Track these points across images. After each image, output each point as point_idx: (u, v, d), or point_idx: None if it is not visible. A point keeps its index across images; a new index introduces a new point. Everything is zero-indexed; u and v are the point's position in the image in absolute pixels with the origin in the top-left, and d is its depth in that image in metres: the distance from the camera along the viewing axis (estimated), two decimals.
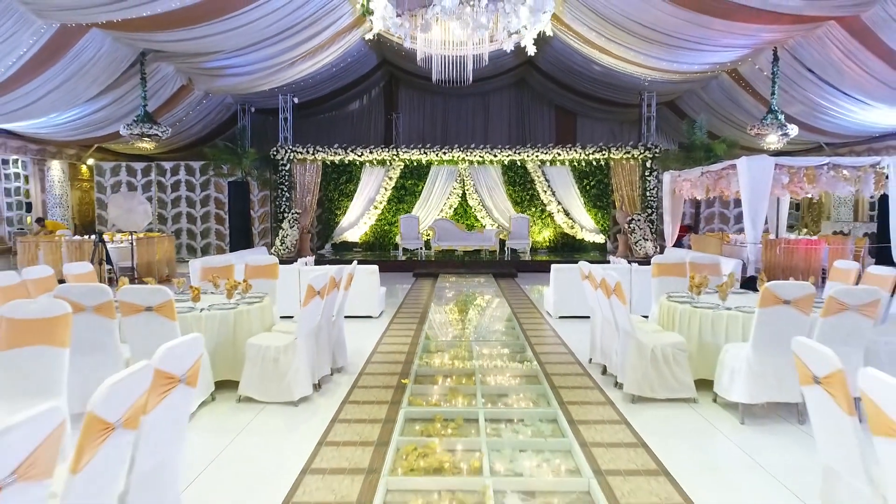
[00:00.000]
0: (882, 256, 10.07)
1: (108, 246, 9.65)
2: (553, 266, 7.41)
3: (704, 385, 4.33)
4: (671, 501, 2.82)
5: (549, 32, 6.87)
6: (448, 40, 6.81)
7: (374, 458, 3.29)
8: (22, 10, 8.29)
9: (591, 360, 5.27)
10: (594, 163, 14.66)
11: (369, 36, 6.15)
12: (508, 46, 6.34)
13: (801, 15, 9.18)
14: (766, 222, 14.03)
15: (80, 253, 10.05)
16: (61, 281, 8.61)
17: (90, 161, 16.09)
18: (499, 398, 4.38)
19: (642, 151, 14.12)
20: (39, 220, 12.97)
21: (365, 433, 3.67)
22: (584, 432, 3.65)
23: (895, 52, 9.26)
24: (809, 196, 12.05)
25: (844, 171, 9.14)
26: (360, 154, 14.21)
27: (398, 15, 6.26)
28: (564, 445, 3.47)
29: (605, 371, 4.89)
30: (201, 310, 4.33)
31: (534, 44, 6.42)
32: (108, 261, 9.41)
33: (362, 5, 5.82)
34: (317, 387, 4.48)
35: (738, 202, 12.88)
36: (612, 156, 14.21)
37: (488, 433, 3.62)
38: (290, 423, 3.89)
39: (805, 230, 14.51)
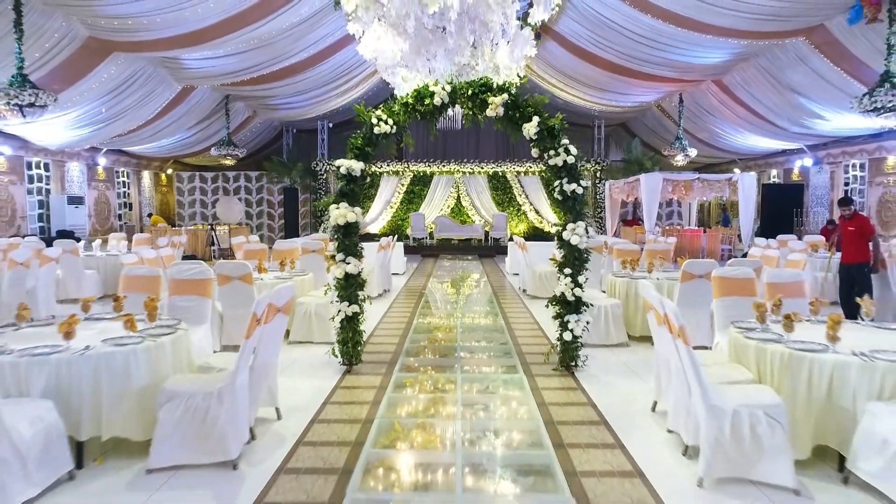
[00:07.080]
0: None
1: (215, 233, 14.30)
2: (509, 243, 12.04)
3: None
4: (529, 319, 7.42)
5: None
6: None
7: (413, 312, 7.93)
8: (169, 80, 12.86)
9: (521, 289, 9.84)
10: None
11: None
12: None
13: (681, 79, 13.77)
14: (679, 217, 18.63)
15: (195, 238, 14.59)
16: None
17: (169, 171, 20.70)
18: (468, 299, 8.98)
19: (594, 165, 18.71)
20: (150, 215, 17.59)
21: (407, 307, 8.29)
22: (504, 306, 8.27)
23: (748, 104, 13.79)
24: (708, 199, 16.70)
25: (710, 183, 13.70)
26: (379, 167, 18.81)
27: None
28: (494, 308, 8.06)
29: (524, 291, 9.46)
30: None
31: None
32: (214, 243, 14.06)
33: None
34: (380, 295, 9.07)
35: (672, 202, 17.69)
36: None
37: (459, 309, 8.20)
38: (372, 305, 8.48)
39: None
